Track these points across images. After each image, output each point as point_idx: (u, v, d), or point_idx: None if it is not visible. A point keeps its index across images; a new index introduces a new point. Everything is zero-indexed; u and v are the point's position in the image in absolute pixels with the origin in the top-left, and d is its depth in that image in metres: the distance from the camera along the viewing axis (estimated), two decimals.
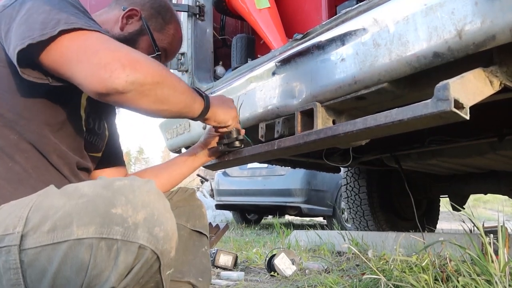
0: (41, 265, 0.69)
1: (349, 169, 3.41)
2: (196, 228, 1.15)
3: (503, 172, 2.91)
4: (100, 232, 0.68)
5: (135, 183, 0.74)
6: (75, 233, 0.68)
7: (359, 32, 1.09)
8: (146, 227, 0.70)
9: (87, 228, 0.68)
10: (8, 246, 0.70)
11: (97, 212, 0.69)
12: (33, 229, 0.70)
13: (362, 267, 2.05)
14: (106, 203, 0.70)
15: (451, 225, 4.61)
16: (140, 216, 0.70)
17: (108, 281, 0.68)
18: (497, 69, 0.94)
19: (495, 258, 1.15)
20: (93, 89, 0.77)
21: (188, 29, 2.04)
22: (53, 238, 0.69)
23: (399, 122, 0.87)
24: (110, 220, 0.69)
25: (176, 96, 0.90)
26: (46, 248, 0.69)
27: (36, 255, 0.69)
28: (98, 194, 0.71)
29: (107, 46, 0.80)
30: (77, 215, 0.69)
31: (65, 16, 0.81)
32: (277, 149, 1.19)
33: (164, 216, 0.73)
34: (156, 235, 0.71)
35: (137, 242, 0.69)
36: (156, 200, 0.73)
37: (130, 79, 0.77)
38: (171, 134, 2.10)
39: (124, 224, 0.69)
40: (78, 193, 0.72)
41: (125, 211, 0.69)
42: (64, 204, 0.71)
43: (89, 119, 1.03)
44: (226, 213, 7.69)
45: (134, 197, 0.71)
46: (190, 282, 1.08)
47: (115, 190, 0.71)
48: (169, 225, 0.73)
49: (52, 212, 0.70)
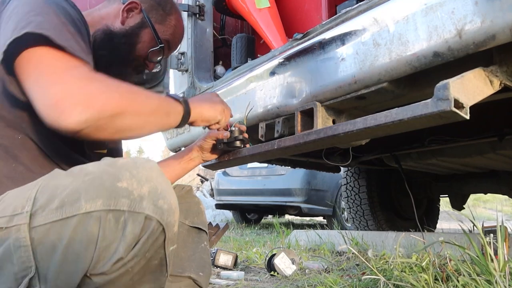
0: (51, 241, 0.70)
1: (349, 169, 3.41)
2: (195, 225, 1.15)
3: (503, 171, 2.91)
4: (107, 204, 0.70)
5: (138, 160, 0.77)
6: (83, 207, 0.70)
7: (359, 32, 1.09)
8: (151, 199, 0.72)
9: (94, 202, 0.70)
10: (17, 225, 0.71)
11: (103, 186, 0.71)
12: (42, 207, 0.71)
13: (362, 266, 2.05)
14: (112, 178, 0.72)
15: (451, 225, 4.62)
16: (144, 189, 0.72)
17: (117, 252, 0.70)
18: (497, 69, 0.94)
19: (495, 258, 1.15)
20: (47, 123, 0.75)
21: (188, 28, 2.04)
22: (61, 214, 0.70)
23: (399, 122, 0.87)
24: (116, 193, 0.71)
25: (142, 121, 0.87)
26: (55, 224, 0.70)
27: (45, 231, 0.70)
28: (104, 170, 0.73)
29: (66, 76, 0.77)
30: (84, 191, 0.71)
31: (39, 21, 0.78)
32: (277, 149, 1.19)
33: (166, 190, 0.76)
34: (161, 207, 0.73)
35: (143, 213, 0.71)
36: (158, 175, 0.76)
37: (82, 118, 0.74)
38: (171, 133, 2.10)
39: (130, 196, 0.71)
40: (83, 172, 0.74)
41: (130, 185, 0.72)
42: (71, 182, 0.72)
43: None
44: (226, 213, 7.69)
45: (137, 172, 0.74)
46: (190, 276, 1.09)
47: (120, 166, 0.74)
48: (172, 199, 0.76)
49: (60, 190, 0.72)
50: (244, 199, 5.88)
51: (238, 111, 1.54)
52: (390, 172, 3.26)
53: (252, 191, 5.74)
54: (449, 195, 3.46)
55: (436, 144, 2.27)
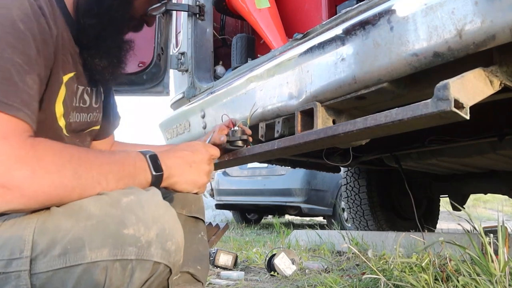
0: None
1: (349, 169, 3.41)
2: (192, 214, 1.13)
3: (503, 172, 2.91)
4: (114, 254, 0.67)
5: (142, 197, 0.72)
6: (88, 256, 0.67)
7: (359, 32, 1.09)
8: (159, 243, 0.70)
9: (100, 251, 0.67)
10: (17, 271, 0.68)
11: (108, 233, 0.68)
12: (43, 253, 0.68)
13: (362, 266, 2.05)
14: (117, 223, 0.68)
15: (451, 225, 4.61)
16: (152, 233, 0.70)
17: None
18: (497, 69, 0.94)
19: (495, 258, 1.15)
20: None
21: (188, 28, 2.04)
22: (65, 262, 0.67)
23: (399, 122, 0.87)
24: (123, 241, 0.68)
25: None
26: (58, 271, 0.68)
27: (48, 278, 0.68)
28: (107, 213, 0.69)
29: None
30: (89, 238, 0.67)
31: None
32: (277, 149, 1.19)
33: (174, 228, 0.73)
34: (169, 250, 0.71)
35: (151, 260, 0.69)
36: (165, 213, 0.73)
37: (10, 207, 0.66)
38: (171, 134, 2.10)
39: (138, 244, 0.68)
40: (85, 214, 0.69)
41: (137, 230, 0.69)
42: (72, 226, 0.68)
43: (83, 97, 0.95)
44: (226, 213, 7.69)
45: (143, 213, 0.70)
46: (189, 271, 1.08)
47: (124, 208, 0.70)
48: (179, 237, 0.74)
49: (61, 235, 0.68)
50: (244, 199, 5.87)
51: (238, 111, 1.54)
52: (390, 172, 3.26)
53: (252, 191, 5.73)
54: (449, 195, 3.46)
55: (436, 144, 2.28)
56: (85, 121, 0.98)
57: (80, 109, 0.95)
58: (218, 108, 1.66)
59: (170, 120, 2.08)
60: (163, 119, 2.18)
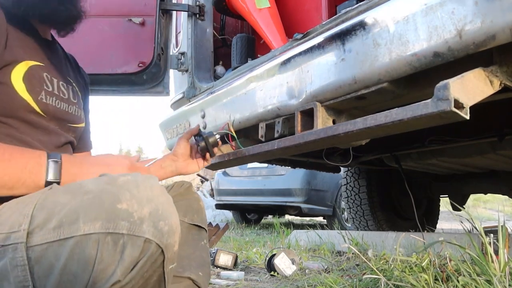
0: (48, 261, 0.70)
1: (349, 169, 3.41)
2: (195, 222, 1.14)
3: (503, 172, 2.91)
4: (106, 227, 0.68)
5: (138, 178, 0.74)
6: (81, 228, 0.68)
7: (359, 32, 1.09)
8: (151, 221, 0.71)
9: (93, 224, 0.68)
10: (14, 243, 0.71)
11: (102, 207, 0.69)
12: (39, 226, 0.71)
13: (362, 266, 2.05)
14: (111, 198, 0.70)
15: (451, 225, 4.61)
16: (145, 211, 0.71)
17: (114, 275, 0.68)
18: (497, 69, 0.94)
19: (495, 258, 1.15)
20: None
21: (188, 28, 2.04)
22: (59, 234, 0.69)
23: (399, 122, 0.87)
24: (116, 215, 0.69)
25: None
26: (53, 244, 0.69)
27: (43, 251, 0.70)
28: (103, 189, 0.71)
29: None
30: (83, 211, 0.69)
31: None
32: (277, 149, 1.19)
33: (168, 210, 0.74)
34: (161, 229, 0.72)
35: (142, 236, 0.70)
36: (159, 194, 0.74)
37: None
38: (171, 133, 2.10)
39: (130, 219, 0.69)
40: (82, 190, 0.72)
41: (130, 206, 0.70)
42: (69, 201, 0.71)
43: (60, 88, 1.02)
44: (226, 213, 7.69)
45: (138, 192, 0.71)
46: (190, 277, 1.08)
47: (120, 185, 0.72)
48: (173, 219, 0.74)
49: (58, 209, 0.71)
50: (244, 199, 5.88)
51: (238, 111, 1.54)
52: (390, 172, 3.26)
53: (252, 191, 5.73)
54: (449, 195, 3.46)
55: (436, 144, 2.28)
56: (65, 111, 1.03)
57: (59, 97, 1.01)
58: (218, 108, 1.66)
59: (170, 120, 2.08)
60: (163, 119, 2.18)
